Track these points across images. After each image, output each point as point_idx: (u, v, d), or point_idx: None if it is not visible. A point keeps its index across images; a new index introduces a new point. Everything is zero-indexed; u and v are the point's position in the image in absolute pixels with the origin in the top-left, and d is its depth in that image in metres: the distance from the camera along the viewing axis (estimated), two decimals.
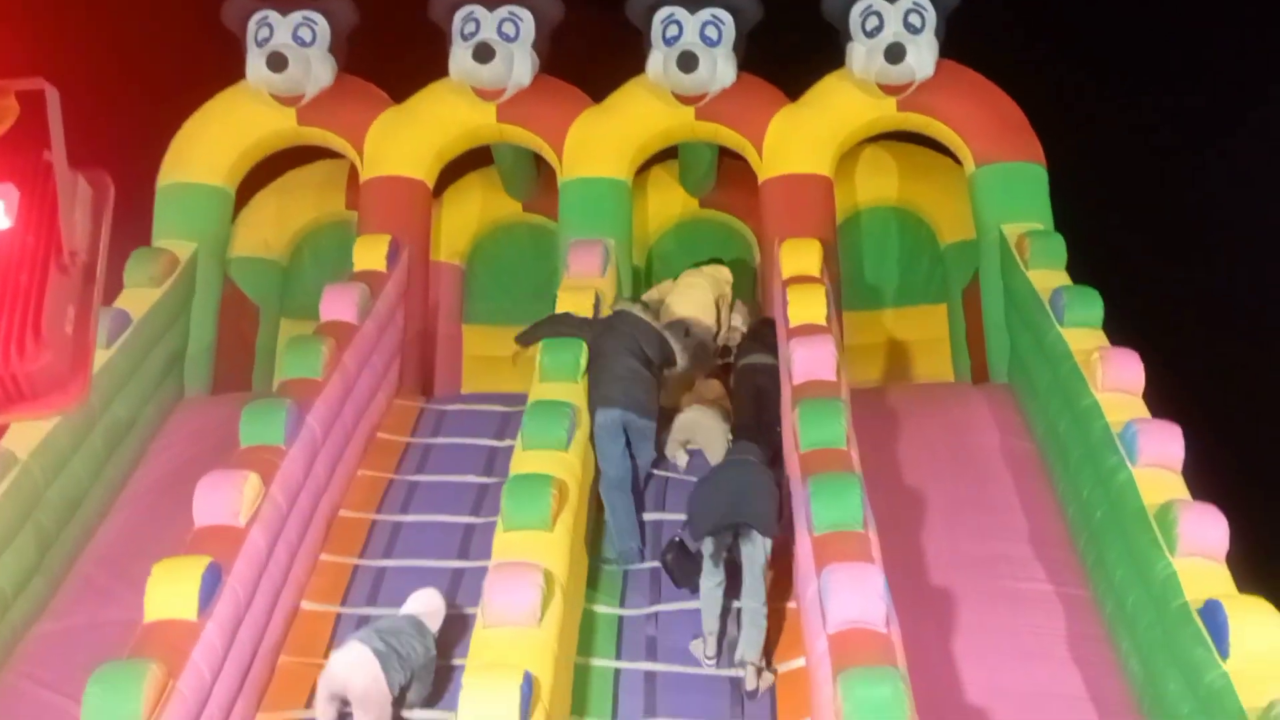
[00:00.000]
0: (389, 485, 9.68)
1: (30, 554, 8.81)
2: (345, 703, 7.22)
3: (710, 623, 7.90)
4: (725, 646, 7.96)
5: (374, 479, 9.73)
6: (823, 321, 9.67)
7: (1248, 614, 7.17)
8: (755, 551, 7.87)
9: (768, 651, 7.87)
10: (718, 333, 10.36)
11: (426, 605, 7.70)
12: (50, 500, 9.09)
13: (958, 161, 11.64)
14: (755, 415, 9.38)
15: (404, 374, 11.13)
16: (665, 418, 9.51)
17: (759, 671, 7.74)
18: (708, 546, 7.93)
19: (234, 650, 7.51)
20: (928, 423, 10.14)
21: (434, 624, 7.64)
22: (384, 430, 10.31)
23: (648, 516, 9.06)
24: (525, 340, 9.71)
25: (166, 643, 7.10)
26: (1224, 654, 7.09)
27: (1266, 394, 11.66)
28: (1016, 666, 7.86)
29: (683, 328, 9.96)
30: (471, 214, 12.71)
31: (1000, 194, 11.19)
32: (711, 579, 7.92)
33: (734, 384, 9.81)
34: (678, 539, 8.23)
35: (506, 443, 9.79)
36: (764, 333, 10.15)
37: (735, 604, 7.95)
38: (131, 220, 11.19)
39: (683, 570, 8.16)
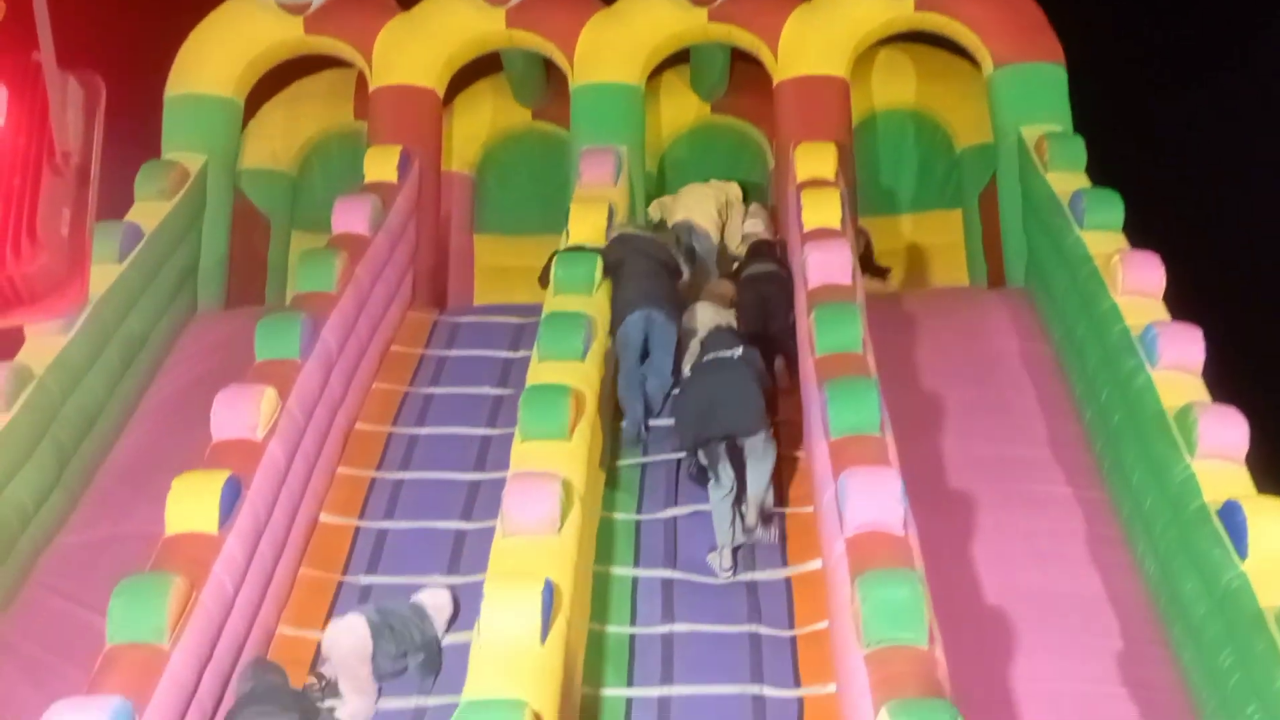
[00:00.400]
0: (404, 398, 9.68)
1: (49, 468, 8.86)
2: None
3: (723, 535, 7.96)
4: (740, 557, 8.00)
5: (389, 392, 9.73)
6: (838, 226, 9.59)
7: (1267, 514, 7.15)
8: (751, 445, 7.97)
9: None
10: (720, 240, 10.30)
11: (433, 600, 7.56)
12: (67, 415, 9.12)
13: (975, 64, 11.46)
14: (763, 326, 9.32)
15: (417, 286, 11.09)
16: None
17: (769, 517, 8.00)
18: (703, 458, 8.02)
19: (255, 563, 7.56)
20: (944, 328, 10.09)
21: (439, 617, 7.48)
22: (398, 343, 10.29)
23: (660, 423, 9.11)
24: (546, 280, 9.58)
25: (188, 555, 7.15)
26: (1242, 554, 7.09)
27: None
28: (1033, 568, 7.89)
29: (687, 229, 9.89)
30: (481, 122, 12.60)
31: (1019, 95, 11.04)
32: (719, 491, 7.97)
33: (739, 297, 9.71)
34: (692, 457, 8.26)
35: (521, 354, 9.78)
36: (763, 249, 10.04)
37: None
38: (141, 133, 11.12)
39: (705, 477, 8.19)
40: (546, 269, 9.56)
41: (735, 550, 7.97)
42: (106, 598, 6.84)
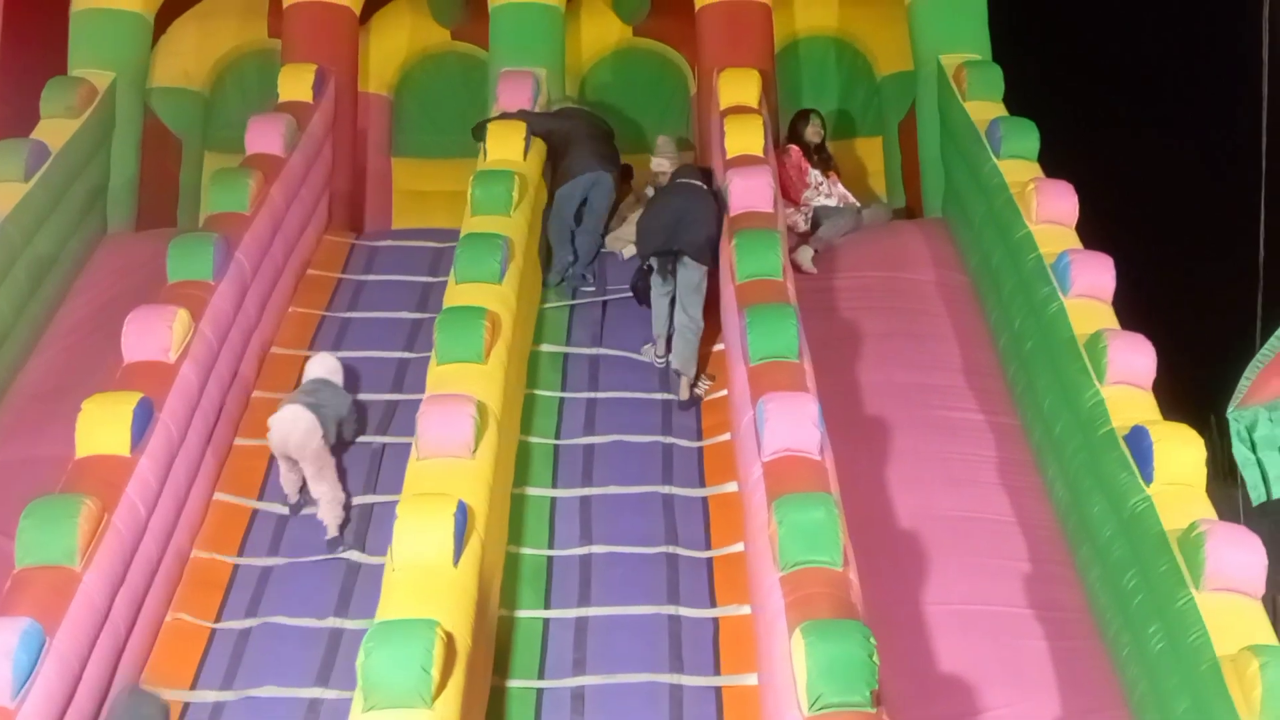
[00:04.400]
0: (321, 322, 9.59)
1: None
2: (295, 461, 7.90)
3: (659, 326, 8.94)
4: (661, 466, 8.18)
5: (306, 315, 9.62)
6: (760, 153, 9.58)
7: (1172, 439, 7.32)
8: (689, 274, 8.79)
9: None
10: None
11: (323, 367, 8.34)
12: None
13: None
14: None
15: (333, 209, 10.93)
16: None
17: (690, 384, 8.75)
18: (653, 264, 8.90)
19: (168, 486, 7.47)
20: (862, 257, 10.15)
21: (339, 379, 8.34)
22: (314, 267, 10.16)
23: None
24: (478, 134, 10.00)
25: (100, 478, 7.05)
26: (1148, 478, 7.25)
27: (1198, 225, 11.76)
28: (946, 491, 8.02)
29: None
30: (399, 42, 12.37)
31: (939, 23, 11.02)
32: (659, 290, 8.89)
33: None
34: (644, 266, 9.09)
35: (440, 279, 9.69)
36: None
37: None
38: (46, 48, 10.80)
39: (647, 292, 9.09)
40: (479, 126, 9.98)
41: (668, 344, 8.85)
42: (17, 520, 6.72)
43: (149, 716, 6.68)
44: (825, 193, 10.56)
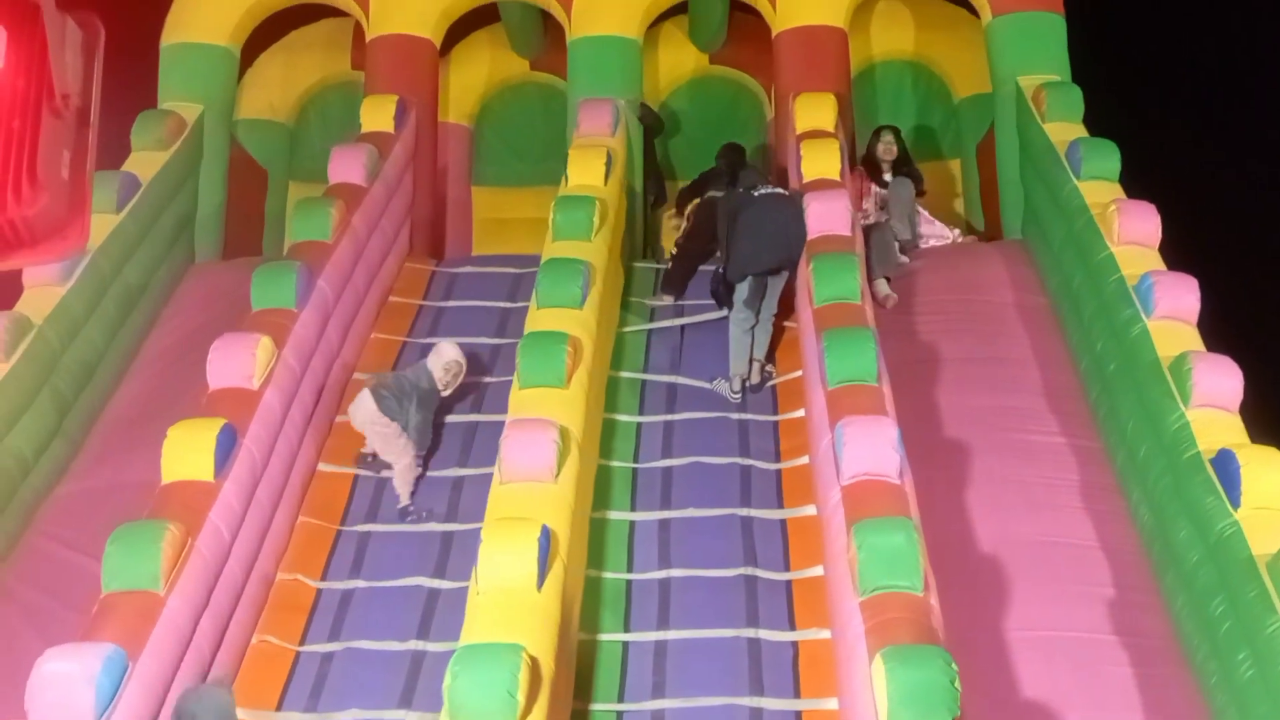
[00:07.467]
0: (402, 348, 9.70)
1: (49, 418, 8.88)
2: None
3: (740, 364, 8.91)
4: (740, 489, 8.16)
5: (387, 342, 9.75)
6: (837, 176, 9.59)
7: (1260, 462, 7.18)
8: (779, 279, 9.00)
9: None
10: None
11: (439, 358, 8.51)
12: (66, 365, 9.13)
13: (974, 14, 11.41)
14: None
15: (414, 237, 11.08)
16: None
17: (763, 367, 9.00)
18: (745, 290, 8.89)
19: (252, 510, 7.58)
20: (941, 280, 10.10)
21: (436, 362, 8.47)
22: (396, 294, 10.30)
23: None
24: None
25: (184, 503, 7.17)
26: (1235, 503, 7.11)
27: None
28: (1028, 516, 7.92)
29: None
30: (479, 74, 12.55)
31: (1017, 45, 10.97)
32: (744, 325, 8.90)
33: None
34: (721, 271, 9.22)
35: (519, 304, 9.80)
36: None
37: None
38: (137, 82, 11.07)
39: (727, 297, 9.17)
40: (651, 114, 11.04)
41: (744, 383, 8.86)
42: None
43: (225, 703, 6.67)
44: (875, 220, 10.39)
